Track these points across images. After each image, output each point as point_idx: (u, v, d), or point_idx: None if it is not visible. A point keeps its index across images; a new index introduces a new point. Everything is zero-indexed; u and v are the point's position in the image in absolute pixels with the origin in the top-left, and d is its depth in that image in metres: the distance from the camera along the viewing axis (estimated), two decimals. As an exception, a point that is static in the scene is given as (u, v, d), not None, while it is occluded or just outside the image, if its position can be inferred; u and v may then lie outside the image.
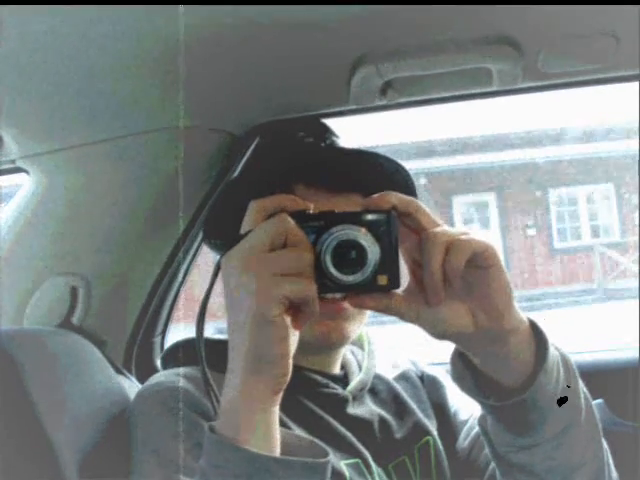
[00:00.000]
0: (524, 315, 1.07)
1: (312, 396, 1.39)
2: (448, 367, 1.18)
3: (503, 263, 1.02)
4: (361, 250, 0.97)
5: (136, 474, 1.25)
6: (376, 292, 1.01)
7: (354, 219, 1.00)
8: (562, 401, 1.10)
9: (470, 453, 1.49)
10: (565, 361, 1.12)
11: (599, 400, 2.06)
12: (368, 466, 1.36)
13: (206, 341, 1.05)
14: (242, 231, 0.99)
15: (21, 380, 1.30)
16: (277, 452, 0.99)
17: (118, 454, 1.32)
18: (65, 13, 1.28)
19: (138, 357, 2.04)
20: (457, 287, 1.01)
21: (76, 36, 1.34)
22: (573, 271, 12.62)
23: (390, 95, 1.61)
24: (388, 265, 0.99)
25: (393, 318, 1.04)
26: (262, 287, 0.93)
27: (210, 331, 1.28)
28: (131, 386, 1.73)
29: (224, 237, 1.47)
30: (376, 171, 1.45)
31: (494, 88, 1.63)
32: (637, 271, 11.44)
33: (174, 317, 2.15)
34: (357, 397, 1.45)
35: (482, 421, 1.21)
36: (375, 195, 1.02)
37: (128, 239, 1.84)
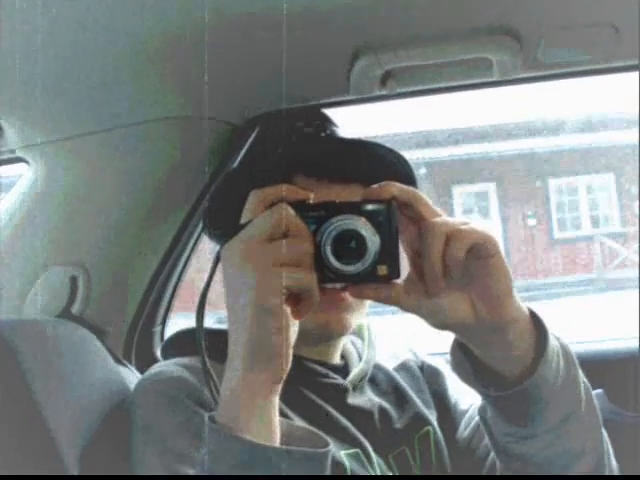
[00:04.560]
0: (524, 305, 1.08)
1: (312, 386, 1.39)
2: (448, 357, 1.18)
3: (503, 253, 1.02)
4: (361, 240, 0.98)
5: (136, 464, 1.26)
6: (376, 282, 1.01)
7: (354, 209, 1.00)
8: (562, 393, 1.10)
9: (470, 443, 1.49)
10: (565, 351, 1.12)
11: (599, 390, 2.07)
12: (368, 456, 1.36)
13: (206, 331, 1.05)
14: (242, 221, 0.99)
15: (21, 370, 1.30)
16: (277, 442, 0.99)
17: (118, 444, 1.32)
18: (67, 2, 1.28)
19: (138, 347, 2.05)
20: (457, 277, 1.01)
21: (77, 25, 1.34)
22: (573, 261, 12.60)
23: (390, 85, 1.61)
24: (388, 255, 0.99)
25: (393, 308, 1.04)
26: (262, 277, 0.93)
27: (210, 321, 1.29)
28: (131, 376, 1.73)
29: (224, 227, 1.47)
30: (376, 161, 1.45)
31: (494, 78, 1.63)
32: (637, 261, 11.42)
33: (174, 307, 2.16)
34: (357, 387, 1.45)
35: (482, 411, 1.22)
36: (375, 185, 1.02)
37: (128, 229, 1.84)
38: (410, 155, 1.49)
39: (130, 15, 1.32)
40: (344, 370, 1.48)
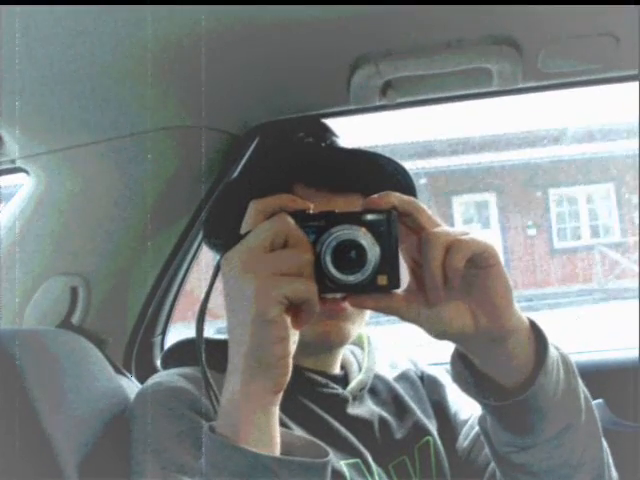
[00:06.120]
0: (524, 315, 1.07)
1: (312, 396, 1.39)
2: (448, 367, 1.18)
3: (503, 263, 1.02)
4: (361, 250, 0.97)
5: (136, 474, 1.25)
6: (376, 292, 1.01)
7: (354, 219, 1.00)
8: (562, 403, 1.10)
9: (470, 453, 1.49)
10: (565, 361, 1.12)
11: (599, 400, 2.06)
12: (368, 466, 1.36)
13: (206, 341, 1.05)
14: (242, 231, 0.99)
15: (21, 381, 1.30)
16: (277, 452, 0.99)
17: (118, 454, 1.32)
18: (66, 14, 1.28)
19: (138, 357, 2.05)
20: (457, 287, 1.01)
21: (77, 37, 1.34)
22: (573, 271, 12.58)
23: (390, 95, 1.61)
24: (388, 265, 0.99)
25: (393, 318, 1.04)
26: (262, 287, 0.93)
27: (210, 331, 1.29)
28: (131, 386, 1.73)
29: (224, 237, 1.47)
30: (376, 171, 1.46)
31: (494, 88, 1.63)
32: (637, 271, 11.41)
33: (174, 317, 2.15)
34: (357, 397, 1.45)
35: (482, 421, 1.21)
36: (375, 195, 1.02)
37: (128, 239, 1.84)
38: (410, 165, 1.50)
39: (129, 26, 1.32)
40: (344, 380, 1.48)
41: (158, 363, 2.06)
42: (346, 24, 1.37)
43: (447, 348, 1.15)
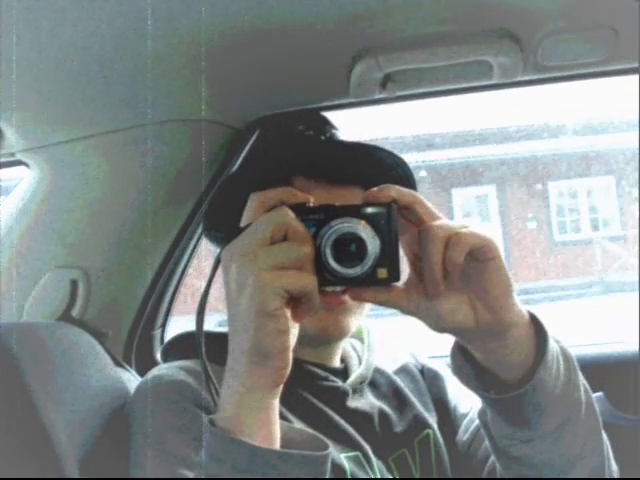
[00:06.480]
0: (524, 308, 1.07)
1: (312, 389, 1.39)
2: (448, 360, 1.18)
3: (503, 256, 1.02)
4: (361, 243, 0.97)
5: (136, 467, 1.26)
6: (376, 285, 1.01)
7: (354, 212, 1.00)
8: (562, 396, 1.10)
9: (470, 446, 1.49)
10: (565, 354, 1.12)
11: (599, 393, 2.06)
12: (368, 459, 1.36)
13: (206, 334, 1.05)
14: (242, 224, 0.99)
15: (20, 374, 1.30)
16: (277, 445, 0.99)
17: (118, 448, 1.32)
18: (71, 3, 1.27)
19: (138, 350, 2.05)
20: (457, 280, 1.01)
21: (80, 28, 1.34)
22: (573, 264, 12.58)
23: (390, 88, 1.60)
24: (388, 258, 0.99)
25: (393, 311, 1.04)
26: (262, 280, 0.93)
27: (211, 324, 1.29)
28: (131, 379, 1.73)
29: (224, 230, 1.47)
30: (376, 164, 1.45)
31: (494, 81, 1.63)
32: (637, 264, 11.40)
33: (174, 310, 2.15)
34: (357, 390, 1.45)
35: (482, 414, 1.21)
36: (375, 188, 1.02)
37: (128, 232, 1.84)
38: (410, 158, 1.49)
39: (134, 19, 1.32)
40: (344, 373, 1.48)
41: (158, 356, 2.06)
42: (346, 17, 1.37)
43: (447, 341, 1.15)
